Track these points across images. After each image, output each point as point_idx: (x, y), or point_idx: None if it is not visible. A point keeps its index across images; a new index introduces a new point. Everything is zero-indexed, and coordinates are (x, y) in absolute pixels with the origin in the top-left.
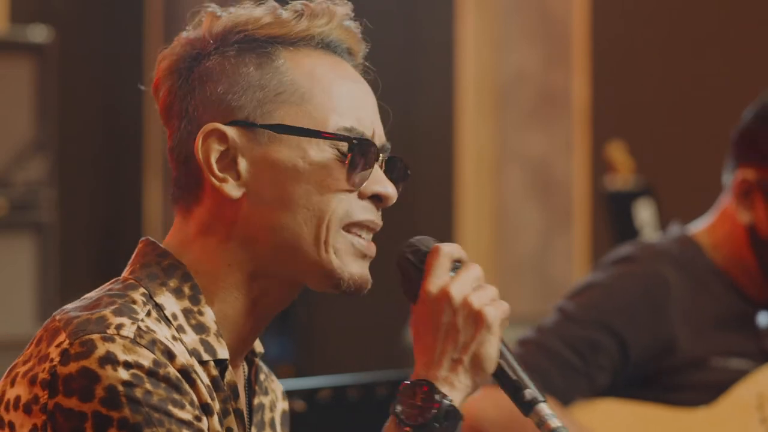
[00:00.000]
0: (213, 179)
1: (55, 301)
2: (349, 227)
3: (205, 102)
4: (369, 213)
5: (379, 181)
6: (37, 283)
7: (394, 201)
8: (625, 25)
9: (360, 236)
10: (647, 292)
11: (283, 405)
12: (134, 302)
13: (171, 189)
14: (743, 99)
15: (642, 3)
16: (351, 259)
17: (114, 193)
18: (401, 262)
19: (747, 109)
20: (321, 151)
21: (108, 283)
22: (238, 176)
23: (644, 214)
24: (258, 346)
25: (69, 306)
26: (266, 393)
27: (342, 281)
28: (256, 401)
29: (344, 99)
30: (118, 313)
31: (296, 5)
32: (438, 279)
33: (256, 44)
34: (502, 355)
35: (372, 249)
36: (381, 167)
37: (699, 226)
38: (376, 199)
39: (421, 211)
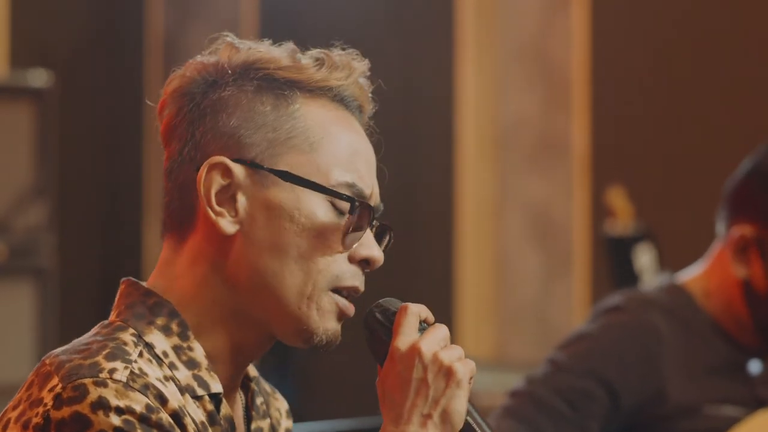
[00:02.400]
0: (210, 212)
1: (55, 347)
2: (336, 289)
3: (215, 131)
4: (356, 279)
5: (368, 246)
6: (37, 329)
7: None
8: (624, 71)
9: (344, 297)
10: (637, 342)
11: (287, 423)
12: (125, 344)
13: (162, 215)
14: (744, 144)
15: (641, 49)
16: (330, 317)
17: (114, 238)
18: (369, 321)
19: (742, 163)
20: (319, 206)
21: (96, 327)
22: (235, 213)
23: (644, 259)
24: (252, 370)
25: (58, 350)
26: (264, 416)
27: (315, 336)
28: (253, 426)
29: (350, 154)
30: (110, 357)
31: (316, 54)
32: (407, 337)
33: (275, 85)
34: (469, 412)
35: (352, 310)
36: (372, 230)
37: (690, 275)
38: (364, 262)
39: (420, 255)
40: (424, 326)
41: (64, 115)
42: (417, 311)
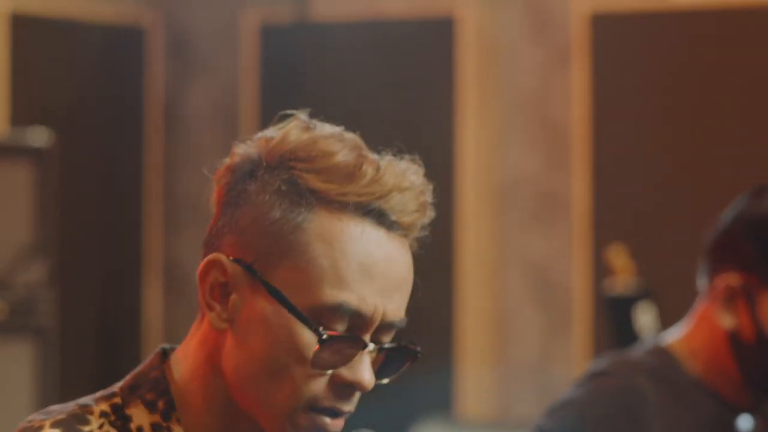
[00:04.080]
0: (204, 305)
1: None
2: (316, 409)
3: (232, 225)
4: (337, 400)
5: (354, 369)
6: (36, 387)
7: (371, 388)
8: (625, 128)
9: (325, 416)
10: (624, 407)
11: None
12: (91, 413)
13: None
14: None
15: (642, 106)
16: None
17: (114, 297)
18: None
19: (725, 213)
20: (301, 327)
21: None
22: (227, 311)
23: (644, 318)
24: None
25: (46, 409)
26: None
27: None
28: None
29: (353, 273)
30: (57, 424)
31: (357, 159)
32: None
33: (296, 190)
34: None
35: (334, 427)
36: (373, 354)
37: (674, 335)
38: (349, 386)
39: (421, 314)
40: None
41: (64, 174)
42: None
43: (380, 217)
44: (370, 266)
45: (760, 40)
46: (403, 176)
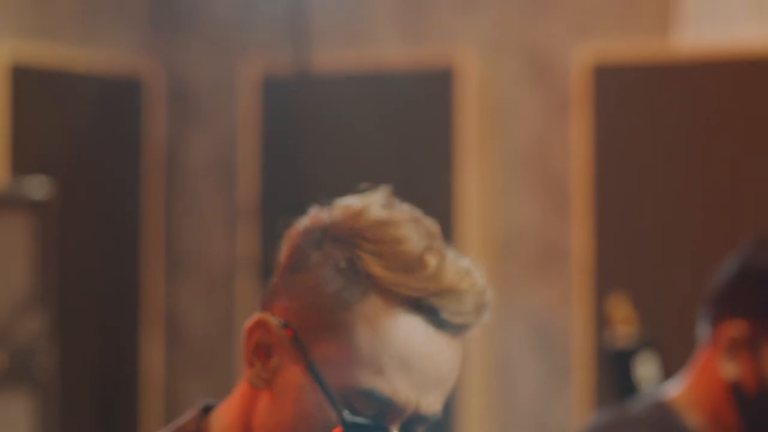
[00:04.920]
0: (246, 360)
1: None
2: None
3: (289, 287)
4: None
5: None
6: None
7: None
8: (626, 179)
9: None
10: None
11: None
12: None
13: None
14: None
15: (643, 157)
16: None
17: (113, 349)
18: None
19: (729, 261)
20: (329, 405)
21: None
22: (267, 371)
23: (645, 369)
24: None
25: None
26: None
27: None
28: None
29: (391, 363)
30: None
31: (424, 250)
32: None
33: (353, 269)
34: None
35: None
36: None
37: (675, 388)
38: None
39: None
40: None
41: (63, 225)
42: None
43: (431, 314)
44: (410, 359)
45: (763, 91)
46: (463, 276)
